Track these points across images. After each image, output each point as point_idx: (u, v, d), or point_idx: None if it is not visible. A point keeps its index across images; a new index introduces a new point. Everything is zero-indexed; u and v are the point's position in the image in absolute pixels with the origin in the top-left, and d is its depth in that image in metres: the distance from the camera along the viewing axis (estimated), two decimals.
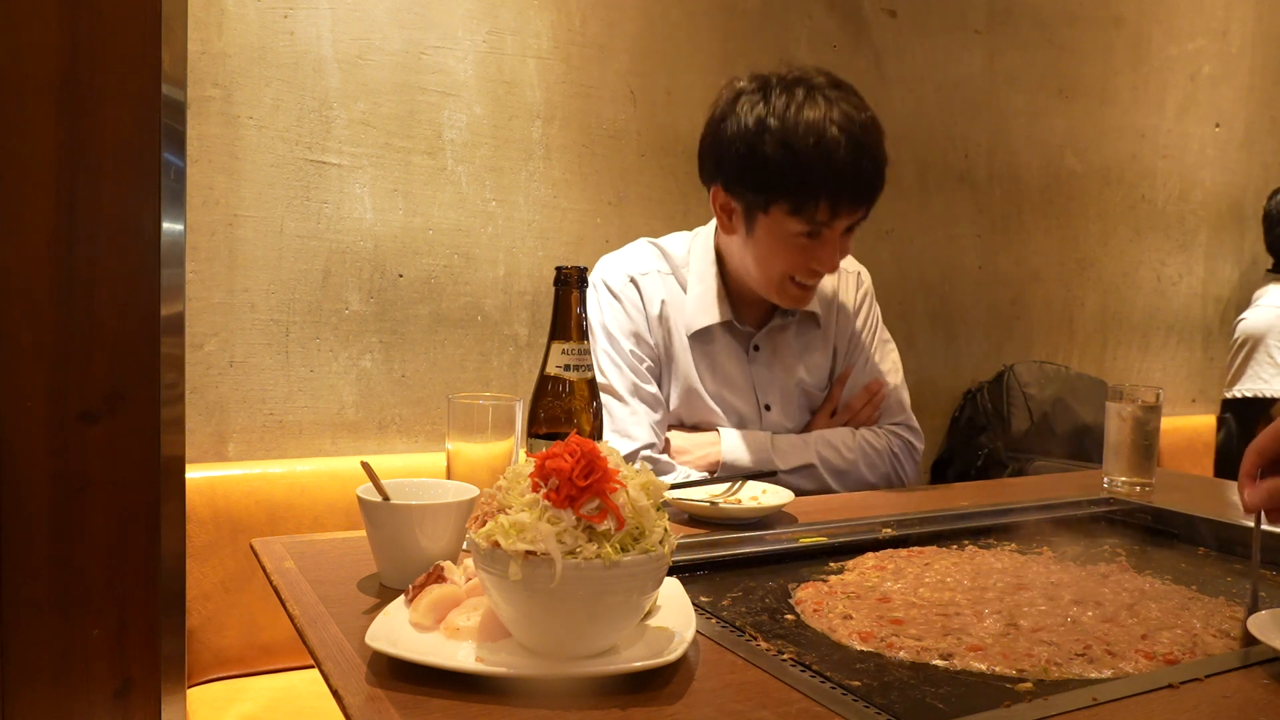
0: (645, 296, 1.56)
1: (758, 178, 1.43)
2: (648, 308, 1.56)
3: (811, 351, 1.63)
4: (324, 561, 1.02)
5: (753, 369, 1.60)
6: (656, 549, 0.73)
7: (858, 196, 1.42)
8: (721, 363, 1.57)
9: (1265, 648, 0.81)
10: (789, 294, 1.52)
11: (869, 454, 1.57)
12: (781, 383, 1.60)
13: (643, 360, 1.53)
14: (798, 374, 1.61)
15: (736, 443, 1.53)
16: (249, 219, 1.72)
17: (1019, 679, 0.80)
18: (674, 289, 1.58)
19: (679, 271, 1.59)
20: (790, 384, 1.61)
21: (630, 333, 1.54)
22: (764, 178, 1.42)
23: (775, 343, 1.61)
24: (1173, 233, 3.05)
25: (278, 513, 1.64)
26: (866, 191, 1.43)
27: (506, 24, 1.92)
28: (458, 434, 1.08)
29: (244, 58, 1.69)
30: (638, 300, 1.56)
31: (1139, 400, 1.50)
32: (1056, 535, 1.32)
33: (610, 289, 1.56)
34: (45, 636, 1.33)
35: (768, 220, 1.45)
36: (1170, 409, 3.06)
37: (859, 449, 1.57)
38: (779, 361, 1.61)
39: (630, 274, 1.57)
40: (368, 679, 0.73)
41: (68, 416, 1.32)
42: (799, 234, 1.44)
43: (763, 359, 1.60)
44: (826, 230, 1.44)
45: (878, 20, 2.40)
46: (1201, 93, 3.03)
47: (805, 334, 1.63)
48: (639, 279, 1.57)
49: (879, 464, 1.58)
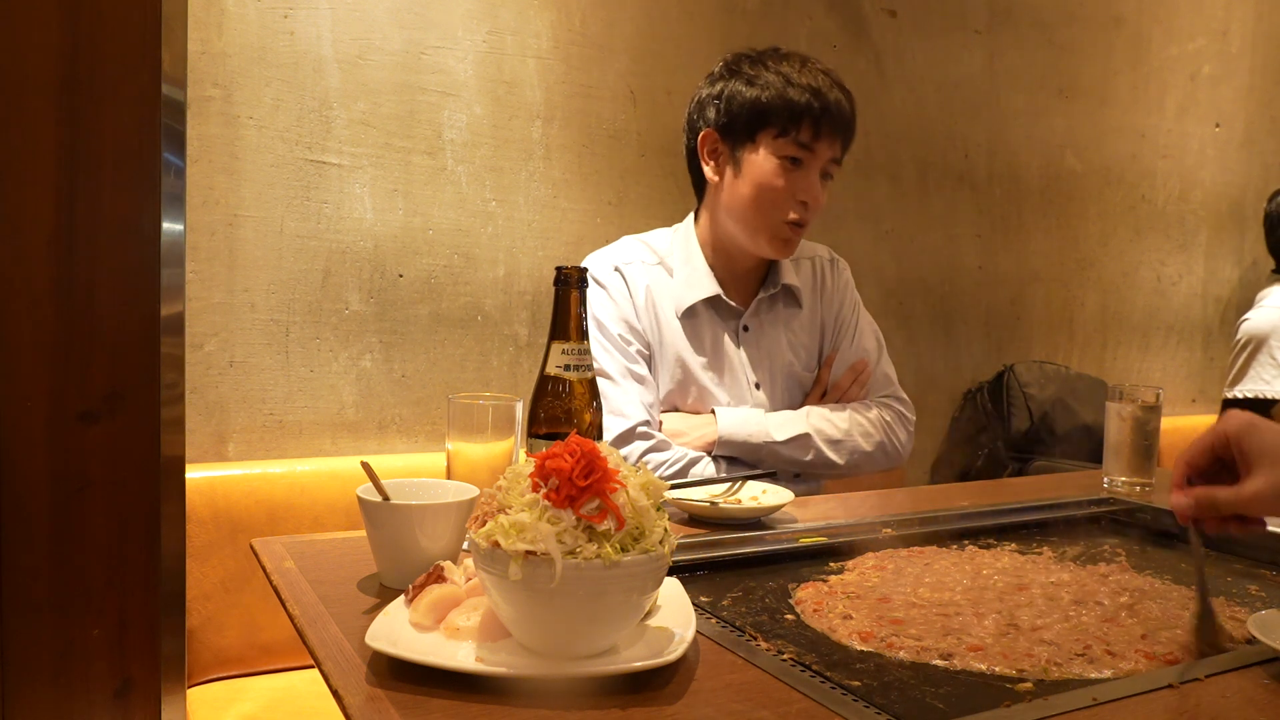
0: (631, 284, 1.62)
1: (749, 105, 1.56)
2: (634, 295, 1.61)
3: (797, 332, 1.70)
4: (324, 561, 1.02)
5: (743, 348, 1.65)
6: (656, 549, 0.73)
7: (836, 123, 1.54)
8: (712, 342, 1.63)
9: (1265, 648, 0.81)
10: (780, 235, 1.58)
11: (862, 424, 1.62)
12: (770, 362, 1.66)
13: (631, 344, 1.58)
14: (786, 356, 1.67)
15: (732, 418, 1.57)
16: (249, 219, 1.72)
17: (1019, 679, 0.80)
18: (660, 276, 1.65)
19: (665, 260, 1.66)
20: (779, 364, 1.67)
21: (618, 318, 1.59)
22: (755, 104, 1.55)
23: (763, 322, 1.67)
24: (1173, 233, 3.05)
25: (278, 513, 1.64)
26: (843, 123, 1.55)
27: (506, 24, 1.92)
28: (458, 434, 1.08)
29: (244, 58, 1.69)
30: (623, 288, 1.61)
31: (1139, 400, 1.50)
32: (1056, 535, 1.32)
33: (597, 280, 1.62)
34: (45, 636, 1.33)
35: (754, 155, 1.56)
36: (1170, 409, 3.06)
37: (850, 419, 1.62)
38: (768, 341, 1.66)
39: (615, 264, 1.63)
40: (368, 679, 0.73)
41: (68, 416, 1.32)
42: (784, 159, 1.54)
43: (752, 339, 1.66)
44: (809, 156, 1.54)
45: (878, 20, 2.41)
46: (1201, 93, 3.03)
47: (790, 313, 1.70)
48: (624, 268, 1.63)
49: (873, 433, 1.63)
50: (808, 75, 1.54)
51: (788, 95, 1.52)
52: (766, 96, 1.54)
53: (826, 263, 1.76)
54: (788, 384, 1.68)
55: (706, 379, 1.61)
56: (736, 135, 1.58)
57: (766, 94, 1.54)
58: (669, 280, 1.64)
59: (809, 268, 1.74)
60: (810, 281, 1.73)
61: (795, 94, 1.52)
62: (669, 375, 1.61)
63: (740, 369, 1.64)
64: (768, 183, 1.55)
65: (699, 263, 1.64)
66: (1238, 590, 1.09)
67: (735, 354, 1.64)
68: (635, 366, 1.56)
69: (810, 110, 1.52)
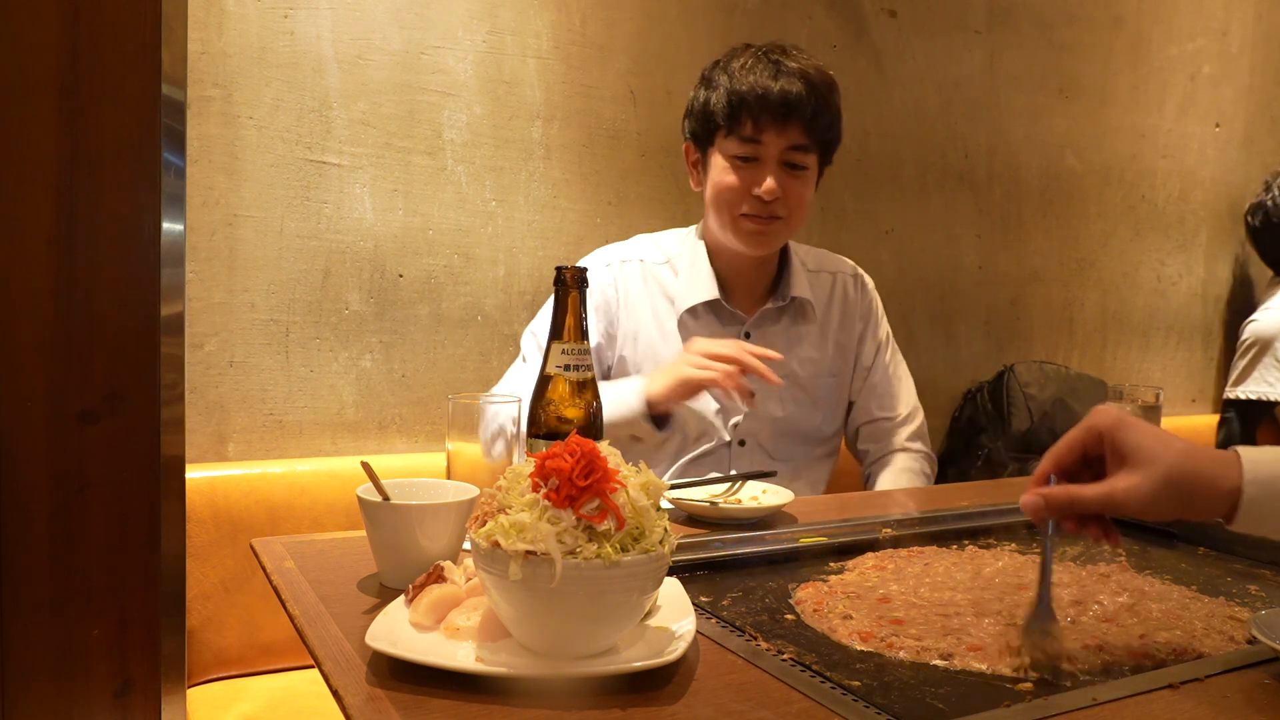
0: (615, 283, 1.64)
1: (704, 110, 1.59)
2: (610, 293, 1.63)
3: (803, 343, 1.68)
4: (324, 561, 1.02)
5: None
6: (656, 549, 0.73)
7: (781, 111, 1.51)
8: None
9: (1265, 647, 0.81)
10: (742, 229, 1.58)
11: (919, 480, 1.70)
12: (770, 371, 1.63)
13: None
14: (789, 365, 1.65)
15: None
16: (249, 219, 1.72)
17: (1019, 679, 0.80)
18: (665, 275, 1.66)
19: (672, 260, 1.67)
20: (780, 374, 1.63)
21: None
22: (706, 108, 1.58)
23: (767, 332, 1.66)
24: (1173, 233, 3.05)
25: (278, 513, 1.64)
26: (790, 109, 1.51)
27: (506, 24, 1.92)
28: (458, 434, 1.08)
29: (244, 58, 1.69)
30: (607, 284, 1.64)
31: (1139, 400, 1.50)
32: (1057, 535, 1.32)
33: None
34: (45, 636, 1.33)
35: (715, 155, 1.58)
36: (1170, 409, 3.06)
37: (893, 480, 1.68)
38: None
39: (608, 261, 1.66)
40: (368, 679, 0.73)
41: (68, 416, 1.32)
42: (736, 158, 1.55)
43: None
44: (759, 149, 1.54)
45: (878, 20, 2.40)
46: (1201, 93, 3.03)
47: (798, 325, 1.69)
48: (616, 265, 1.65)
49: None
50: (753, 69, 1.53)
51: (732, 92, 1.53)
52: (714, 99, 1.56)
53: (849, 278, 1.75)
54: (787, 394, 1.65)
55: None
56: (701, 141, 1.61)
57: (714, 95, 1.56)
58: (673, 280, 1.65)
59: (827, 281, 1.73)
60: (826, 295, 1.72)
61: (738, 89, 1.52)
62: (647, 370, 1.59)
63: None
64: (720, 181, 1.57)
65: (703, 265, 1.65)
66: (1238, 590, 1.09)
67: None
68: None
69: (746, 104, 1.52)
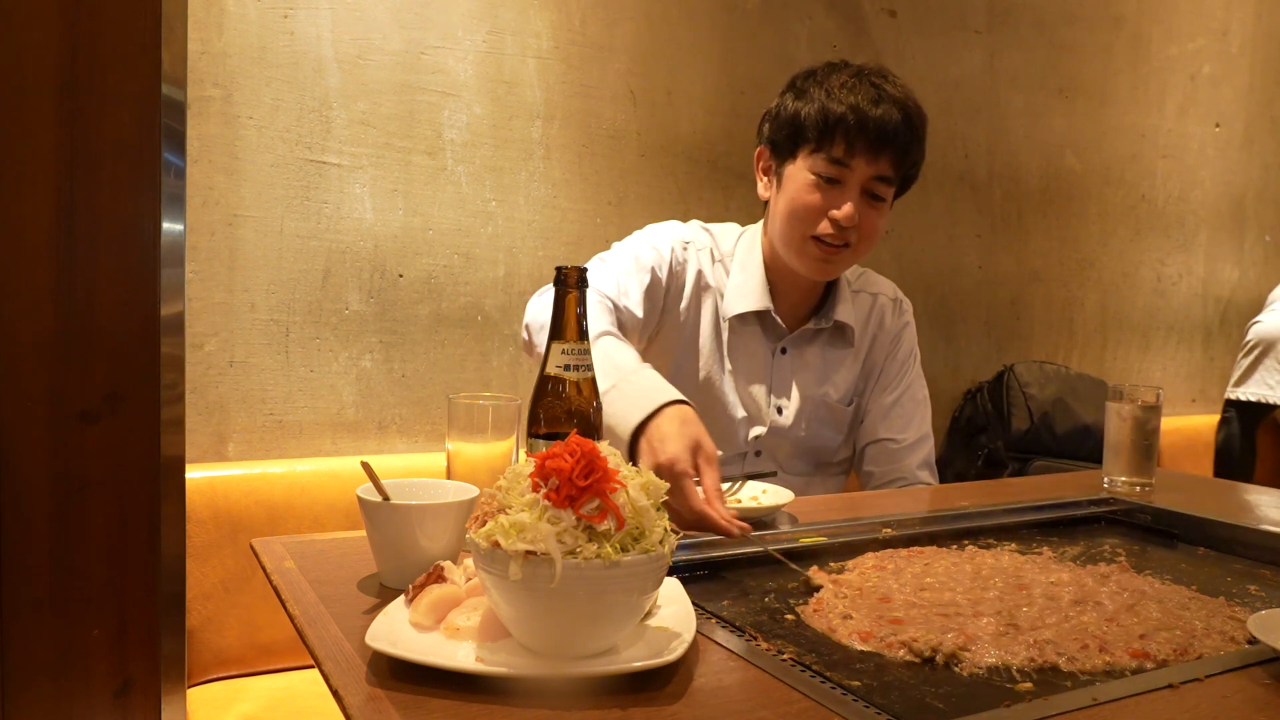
0: (686, 262, 1.59)
1: (793, 120, 1.53)
2: (677, 269, 1.58)
3: (839, 368, 1.65)
4: (324, 561, 1.02)
5: (774, 369, 1.61)
6: (656, 549, 0.73)
7: (876, 138, 1.47)
8: (748, 354, 1.60)
9: (1265, 647, 0.81)
10: (810, 254, 1.53)
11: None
12: (801, 391, 1.61)
13: (646, 271, 1.54)
14: (823, 388, 1.63)
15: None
16: (249, 219, 1.72)
17: (1019, 679, 0.80)
18: (719, 273, 1.62)
19: (725, 259, 1.63)
20: (813, 395, 1.62)
21: (652, 258, 1.55)
22: (795, 117, 1.52)
23: (803, 351, 1.63)
24: (1173, 233, 3.05)
25: (278, 513, 1.64)
26: (886, 138, 1.48)
27: (506, 24, 1.92)
28: (458, 434, 1.08)
29: (244, 58, 1.69)
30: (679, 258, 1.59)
31: (1139, 400, 1.50)
32: (1056, 535, 1.32)
33: (662, 232, 1.61)
34: (45, 636, 1.33)
35: (794, 167, 1.53)
36: (1170, 409, 3.06)
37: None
38: (802, 370, 1.62)
39: (686, 239, 1.61)
40: (368, 679, 0.73)
41: (68, 416, 1.32)
42: (819, 175, 1.50)
43: (787, 363, 1.62)
44: (846, 172, 1.49)
45: (878, 20, 2.40)
46: (1201, 93, 3.03)
47: (835, 349, 1.65)
48: (691, 246, 1.61)
49: None
50: (854, 89, 1.49)
51: (826, 109, 1.48)
52: (807, 111, 1.50)
53: (889, 301, 1.71)
54: (816, 415, 1.63)
55: (731, 386, 1.58)
56: (780, 150, 1.56)
57: (808, 108, 1.50)
58: (725, 279, 1.61)
59: (867, 303, 1.69)
60: (865, 317, 1.68)
61: (833, 107, 1.48)
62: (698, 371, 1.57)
63: (766, 388, 1.60)
64: (799, 198, 1.51)
65: (757, 272, 1.60)
66: (1238, 590, 1.09)
67: (766, 372, 1.60)
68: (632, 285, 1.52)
69: (844, 124, 1.47)
